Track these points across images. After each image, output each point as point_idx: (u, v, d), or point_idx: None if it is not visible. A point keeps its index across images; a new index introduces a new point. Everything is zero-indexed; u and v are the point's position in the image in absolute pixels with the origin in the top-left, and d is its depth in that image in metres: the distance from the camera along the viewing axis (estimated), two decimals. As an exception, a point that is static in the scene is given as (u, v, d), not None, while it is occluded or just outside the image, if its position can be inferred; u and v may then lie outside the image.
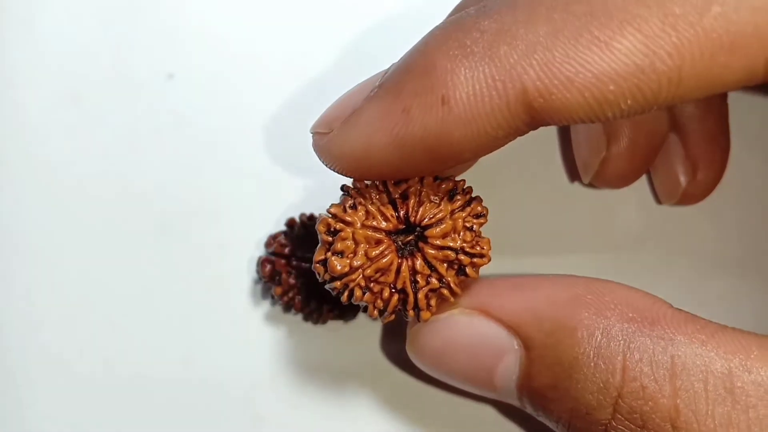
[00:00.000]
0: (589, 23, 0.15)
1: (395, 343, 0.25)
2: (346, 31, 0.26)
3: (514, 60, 0.15)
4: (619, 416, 0.17)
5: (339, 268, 0.19)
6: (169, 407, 0.25)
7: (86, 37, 0.26)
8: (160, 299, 0.25)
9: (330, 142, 0.18)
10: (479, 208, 0.19)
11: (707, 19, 0.15)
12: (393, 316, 0.19)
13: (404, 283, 0.19)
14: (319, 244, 0.19)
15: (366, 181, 0.19)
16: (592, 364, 0.17)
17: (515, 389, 0.19)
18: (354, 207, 0.19)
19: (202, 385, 0.25)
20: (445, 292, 0.19)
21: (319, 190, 0.25)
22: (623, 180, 0.24)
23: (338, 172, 0.19)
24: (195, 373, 0.25)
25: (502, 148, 0.18)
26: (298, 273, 0.23)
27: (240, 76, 0.26)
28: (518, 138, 0.17)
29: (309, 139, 0.25)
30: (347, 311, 0.24)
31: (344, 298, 0.19)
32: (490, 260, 0.19)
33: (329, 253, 0.19)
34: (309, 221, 0.24)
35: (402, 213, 0.19)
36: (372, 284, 0.19)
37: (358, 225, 0.19)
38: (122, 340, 0.25)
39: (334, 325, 0.24)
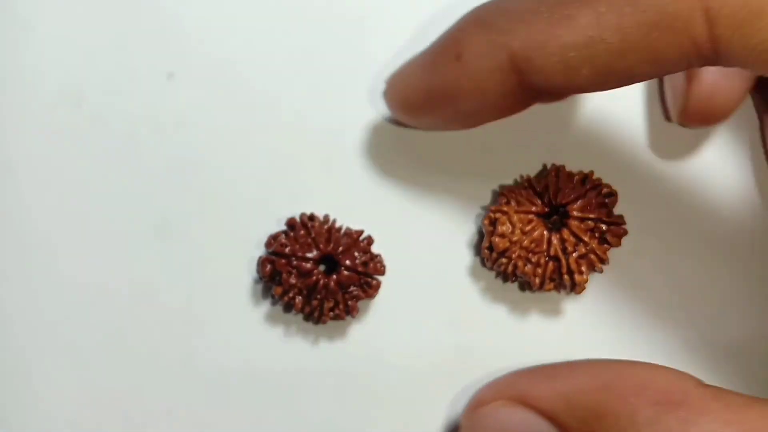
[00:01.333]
0: (559, 3, 0.18)
1: (395, 344, 0.25)
2: (347, 30, 0.26)
3: (506, 29, 0.19)
4: None
5: (501, 245, 0.24)
6: (169, 407, 0.25)
7: (86, 37, 0.26)
8: (159, 299, 0.25)
9: (386, 89, 0.24)
10: (608, 189, 0.24)
11: (641, 1, 0.17)
12: (552, 285, 0.24)
13: (556, 251, 0.24)
14: (484, 237, 0.24)
15: (515, 181, 0.25)
16: None
17: None
18: (508, 202, 0.24)
19: (201, 385, 0.25)
20: (593, 257, 0.24)
21: (319, 189, 0.25)
22: (710, 117, 0.25)
23: (394, 115, 0.24)
24: (194, 373, 0.25)
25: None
26: (299, 273, 0.23)
27: (240, 76, 0.26)
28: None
29: (310, 138, 0.25)
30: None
31: (510, 271, 0.24)
32: (627, 232, 0.24)
33: (493, 237, 0.24)
34: (310, 221, 0.24)
35: (546, 199, 0.24)
36: (530, 255, 0.24)
37: (513, 212, 0.24)
38: (122, 339, 0.25)
39: (334, 325, 0.25)
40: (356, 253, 0.24)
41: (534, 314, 0.25)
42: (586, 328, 0.25)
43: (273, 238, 0.24)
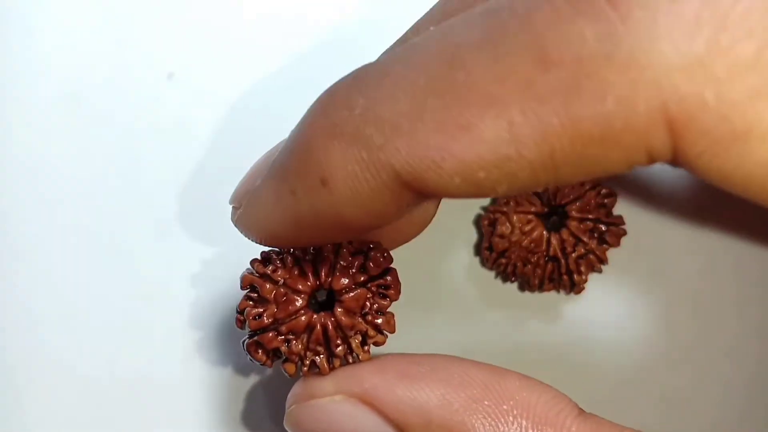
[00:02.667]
0: (450, 104, 0.14)
1: (396, 343, 0.25)
2: (348, 31, 0.26)
3: (380, 143, 0.14)
4: None
5: (500, 245, 0.24)
6: (169, 407, 0.25)
7: (86, 37, 0.26)
8: (159, 299, 0.25)
9: (240, 218, 0.18)
10: (607, 190, 0.24)
11: (573, 108, 0.13)
12: (551, 285, 0.24)
13: (555, 251, 0.24)
14: (483, 238, 0.24)
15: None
16: None
17: None
18: (507, 202, 0.24)
19: (202, 385, 0.25)
20: (592, 257, 0.24)
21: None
22: None
23: (256, 243, 0.18)
24: (195, 373, 0.25)
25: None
26: (296, 334, 0.20)
27: (240, 76, 0.26)
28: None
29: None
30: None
31: (509, 272, 0.24)
32: (626, 232, 0.24)
33: (492, 237, 0.24)
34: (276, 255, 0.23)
35: (545, 199, 0.24)
36: (529, 255, 0.24)
37: (512, 212, 0.24)
38: (122, 340, 0.25)
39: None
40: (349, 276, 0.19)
41: (533, 314, 0.25)
42: (586, 328, 0.25)
43: (240, 313, 0.19)
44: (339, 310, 0.18)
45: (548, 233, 0.24)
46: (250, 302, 0.19)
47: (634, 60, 0.12)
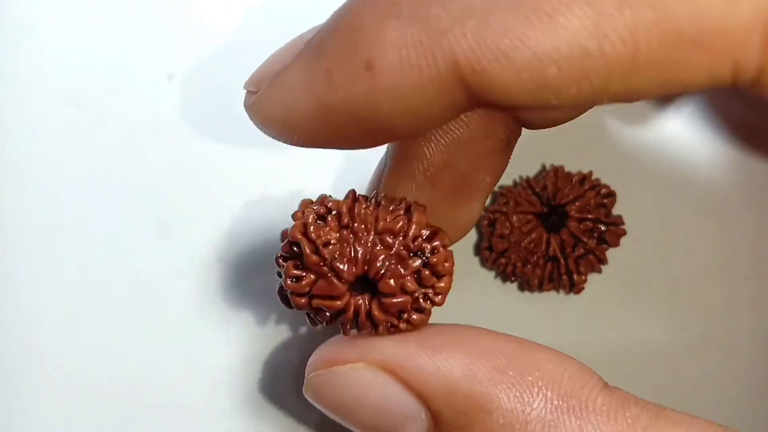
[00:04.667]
0: None
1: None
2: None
3: (445, 25, 0.13)
4: None
5: (500, 246, 0.24)
6: (169, 407, 0.25)
7: (86, 37, 0.26)
8: (159, 299, 0.25)
9: (256, 102, 0.16)
10: (607, 190, 0.24)
11: (670, 2, 0.12)
12: (551, 285, 0.24)
13: (555, 251, 0.24)
14: (483, 238, 0.24)
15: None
16: None
17: None
18: (507, 202, 0.24)
19: (202, 385, 0.25)
20: (592, 258, 0.24)
21: (319, 189, 0.25)
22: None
23: (270, 136, 0.16)
24: (195, 373, 0.25)
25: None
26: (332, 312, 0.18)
27: (240, 76, 0.26)
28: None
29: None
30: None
31: (509, 272, 0.24)
32: (625, 232, 0.24)
33: (492, 237, 0.24)
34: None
35: (544, 199, 0.24)
36: (529, 255, 0.24)
37: (512, 212, 0.24)
38: (122, 339, 0.25)
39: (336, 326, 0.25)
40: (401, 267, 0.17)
41: (533, 314, 0.25)
42: (585, 328, 0.25)
43: (283, 258, 0.17)
44: (376, 306, 0.17)
45: (548, 233, 0.24)
46: (293, 253, 0.17)
47: None
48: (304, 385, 0.18)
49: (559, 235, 0.24)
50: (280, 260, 0.17)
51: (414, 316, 0.17)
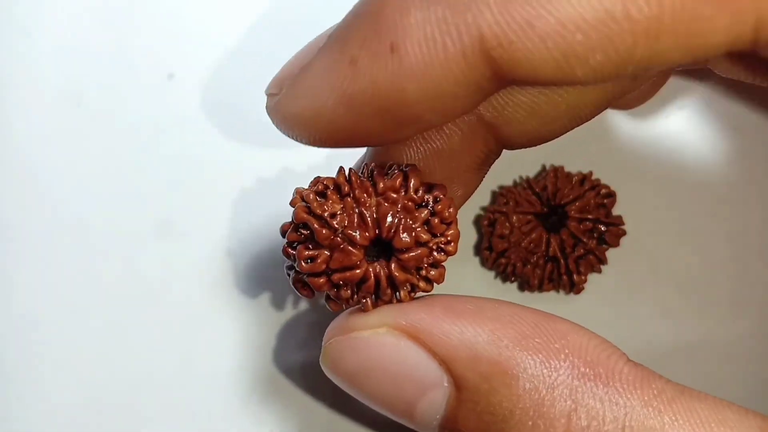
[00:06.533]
0: None
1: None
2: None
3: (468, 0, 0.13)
4: None
5: (500, 246, 0.24)
6: (169, 407, 0.25)
7: (86, 38, 0.26)
8: (159, 299, 0.25)
9: (279, 103, 0.16)
10: (607, 190, 0.24)
11: None
12: (551, 285, 0.24)
13: (555, 251, 0.24)
14: (483, 238, 0.24)
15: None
16: (530, 422, 0.15)
17: (437, 427, 0.16)
18: (507, 202, 0.24)
19: (202, 385, 0.25)
20: (592, 258, 0.24)
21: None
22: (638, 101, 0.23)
23: (292, 138, 0.16)
24: (195, 373, 0.25)
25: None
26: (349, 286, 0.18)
27: (240, 76, 0.26)
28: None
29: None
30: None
31: (509, 272, 0.24)
32: (625, 233, 0.24)
33: (492, 237, 0.24)
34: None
35: (544, 199, 0.24)
36: (529, 255, 0.24)
37: (512, 212, 0.24)
38: (122, 339, 0.25)
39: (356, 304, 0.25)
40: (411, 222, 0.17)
41: (533, 314, 0.25)
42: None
43: (290, 246, 0.17)
44: (395, 266, 0.16)
45: (548, 234, 0.24)
46: (301, 238, 0.17)
47: None
48: (321, 354, 0.17)
49: (559, 235, 0.24)
50: (289, 249, 0.17)
51: (432, 272, 0.17)
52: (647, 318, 0.25)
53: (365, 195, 0.16)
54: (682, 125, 0.26)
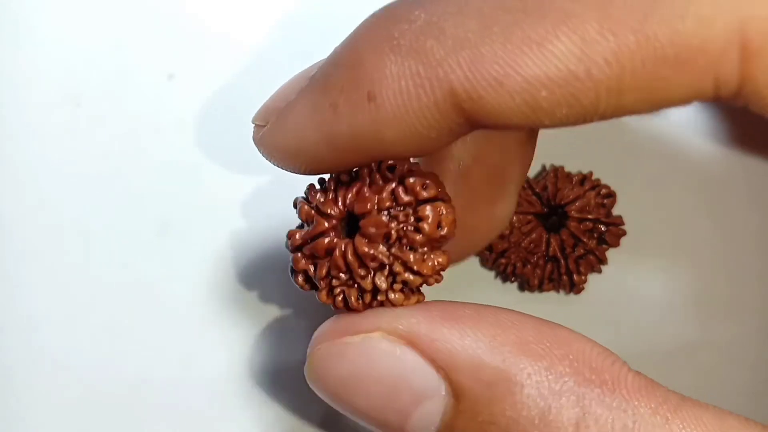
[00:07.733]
0: (521, 20, 0.13)
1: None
2: (347, 31, 0.26)
3: (440, 56, 0.14)
4: None
5: (500, 246, 0.24)
6: (169, 407, 0.25)
7: (86, 37, 0.26)
8: (159, 299, 0.25)
9: (265, 135, 0.17)
10: (607, 190, 0.24)
11: (650, 26, 0.13)
12: (551, 285, 0.24)
13: (555, 251, 0.24)
14: None
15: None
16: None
17: None
18: None
19: (202, 385, 0.25)
20: (592, 258, 0.24)
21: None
22: None
23: (278, 167, 0.17)
24: (195, 374, 0.25)
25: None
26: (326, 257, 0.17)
27: (240, 76, 0.26)
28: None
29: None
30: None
31: (509, 272, 0.24)
32: (625, 233, 0.24)
33: None
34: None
35: (545, 199, 0.24)
36: (529, 255, 0.24)
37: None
38: (122, 339, 0.25)
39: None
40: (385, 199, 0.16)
41: (533, 314, 0.25)
42: (585, 329, 0.25)
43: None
44: (358, 237, 0.16)
45: (548, 234, 0.24)
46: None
47: None
48: (306, 363, 0.17)
49: (559, 235, 0.24)
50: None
51: (412, 256, 0.16)
52: (647, 318, 0.25)
53: (347, 176, 0.17)
54: (682, 125, 0.26)
